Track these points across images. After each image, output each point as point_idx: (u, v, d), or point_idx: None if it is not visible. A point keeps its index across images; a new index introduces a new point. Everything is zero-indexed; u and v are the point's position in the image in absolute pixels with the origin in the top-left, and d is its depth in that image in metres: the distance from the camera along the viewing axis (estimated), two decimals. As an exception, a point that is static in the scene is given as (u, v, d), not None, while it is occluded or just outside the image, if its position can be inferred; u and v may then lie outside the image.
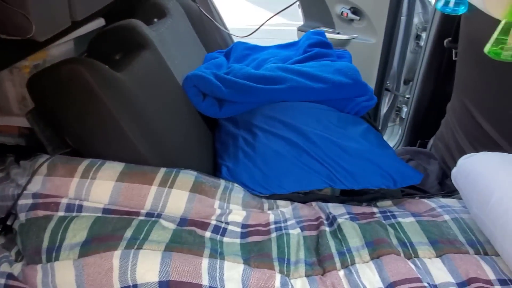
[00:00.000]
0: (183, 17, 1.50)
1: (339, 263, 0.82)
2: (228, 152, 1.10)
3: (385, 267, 0.78)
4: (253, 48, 1.49)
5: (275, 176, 1.03)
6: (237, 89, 1.14)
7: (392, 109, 2.17)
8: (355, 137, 1.07)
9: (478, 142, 1.41)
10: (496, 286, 0.75)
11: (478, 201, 0.85)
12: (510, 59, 1.04)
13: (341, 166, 1.03)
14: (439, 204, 1.00)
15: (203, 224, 0.86)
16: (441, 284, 0.75)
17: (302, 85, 1.12)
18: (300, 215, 0.98)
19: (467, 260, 0.79)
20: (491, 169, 0.87)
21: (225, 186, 0.97)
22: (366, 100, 1.16)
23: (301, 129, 1.08)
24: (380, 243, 0.84)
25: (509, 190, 0.79)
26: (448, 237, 0.87)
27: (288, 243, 0.86)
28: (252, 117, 1.14)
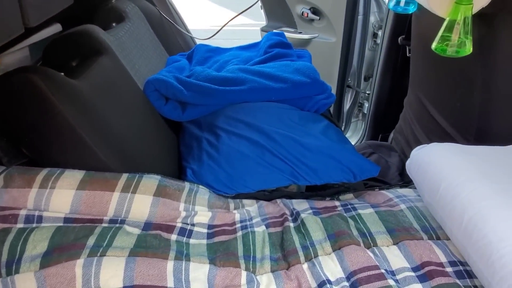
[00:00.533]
0: (143, 21, 1.49)
1: (303, 257, 0.85)
2: (192, 154, 1.10)
3: (346, 258, 0.81)
4: (215, 50, 1.50)
5: (240, 176, 1.05)
6: (199, 92, 1.15)
7: (355, 105, 2.25)
8: (316, 134, 1.10)
9: (433, 134, 1.49)
10: (447, 267, 0.80)
11: (429, 189, 0.90)
12: (455, 54, 1.10)
13: (303, 162, 1.06)
14: (396, 195, 1.05)
15: (168, 227, 0.87)
16: (397, 270, 0.80)
17: (263, 85, 1.14)
18: (265, 212, 1.00)
19: (421, 246, 0.84)
20: (439, 159, 0.92)
21: (190, 188, 0.98)
22: (325, 98, 1.20)
23: (263, 128, 1.10)
24: (341, 235, 0.88)
25: (455, 178, 0.85)
26: (404, 225, 0.92)
27: (253, 241, 0.88)
28: (215, 119, 1.15)
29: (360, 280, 0.75)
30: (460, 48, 1.09)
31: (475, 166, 0.87)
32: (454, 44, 1.09)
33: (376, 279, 0.75)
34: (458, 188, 0.82)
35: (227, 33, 4.47)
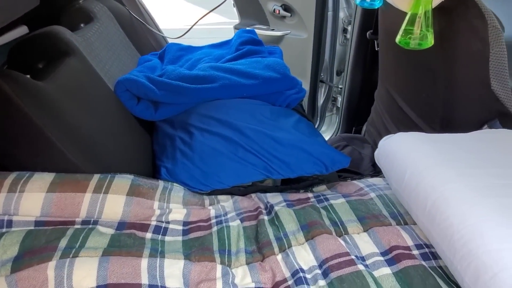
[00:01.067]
0: (112, 21, 1.47)
1: (277, 248, 0.87)
2: (166, 153, 1.11)
3: (318, 246, 0.84)
4: (186, 49, 1.50)
5: (214, 173, 1.06)
6: (171, 91, 1.15)
7: (328, 100, 2.29)
8: (287, 128, 1.13)
9: (402, 125, 1.54)
10: (414, 250, 0.84)
11: (396, 177, 0.94)
12: (418, 47, 1.15)
13: (276, 156, 1.08)
14: (366, 184, 1.09)
15: (142, 226, 0.87)
16: (367, 255, 0.83)
17: (234, 82, 1.16)
18: (240, 207, 1.02)
19: (389, 231, 0.88)
20: (405, 147, 0.96)
21: (164, 187, 0.98)
22: (296, 93, 1.23)
23: (236, 124, 1.11)
24: (314, 225, 0.90)
25: (419, 165, 0.89)
26: (374, 212, 0.95)
27: (228, 235, 0.90)
28: (188, 117, 1.16)
29: (332, 267, 0.78)
30: (422, 40, 1.14)
31: (438, 152, 0.91)
32: (416, 37, 1.13)
33: (346, 265, 0.77)
34: (422, 174, 0.86)
35: (204, 32, 4.45)
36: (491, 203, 0.74)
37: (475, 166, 0.86)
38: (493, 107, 1.21)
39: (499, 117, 1.22)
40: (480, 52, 1.14)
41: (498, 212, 0.72)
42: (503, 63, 1.16)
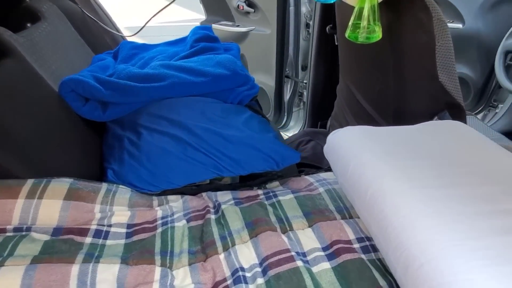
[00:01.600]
0: (62, 20, 1.43)
1: (221, 247, 0.86)
2: (113, 154, 1.08)
3: (261, 244, 0.84)
4: (141, 47, 1.47)
5: (162, 173, 1.04)
6: (118, 90, 1.13)
7: (295, 95, 2.29)
8: (238, 125, 1.12)
9: (361, 119, 1.55)
10: (355, 244, 0.84)
11: (340, 171, 0.94)
12: (367, 41, 1.15)
13: (225, 154, 1.07)
14: (317, 179, 1.09)
15: (81, 231, 0.85)
16: (309, 251, 0.83)
17: (183, 80, 1.14)
18: (189, 207, 1.01)
19: (333, 226, 0.88)
20: (349, 141, 0.96)
21: (108, 189, 0.96)
22: (247, 90, 1.22)
23: (185, 123, 1.10)
24: (258, 222, 0.90)
25: (361, 158, 0.89)
26: (320, 207, 0.96)
27: (172, 236, 0.88)
28: (138, 117, 1.14)
29: (271, 265, 0.77)
30: (370, 34, 1.14)
31: (380, 146, 0.92)
32: (364, 31, 1.13)
33: (285, 262, 0.77)
34: (363, 167, 0.87)
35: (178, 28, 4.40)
36: (423, 195, 0.75)
37: (413, 158, 0.87)
38: (442, 99, 1.23)
39: (448, 109, 1.24)
40: (426, 45, 1.15)
41: (428, 203, 0.73)
42: (449, 55, 1.18)
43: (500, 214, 0.70)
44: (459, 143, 0.94)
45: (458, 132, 1.00)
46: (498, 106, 2.42)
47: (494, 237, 0.64)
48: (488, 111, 2.50)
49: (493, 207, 0.72)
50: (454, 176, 0.81)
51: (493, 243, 0.63)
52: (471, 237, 0.65)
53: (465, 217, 0.69)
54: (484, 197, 0.75)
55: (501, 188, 0.77)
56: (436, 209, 0.71)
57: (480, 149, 0.92)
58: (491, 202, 0.73)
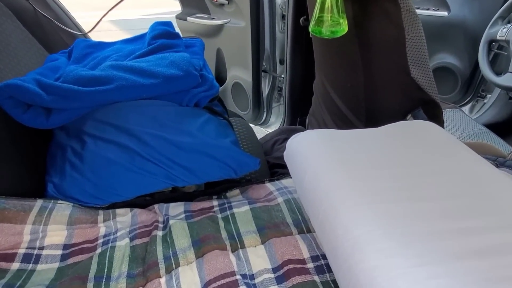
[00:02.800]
0: (10, 18, 1.33)
1: (164, 269, 0.78)
2: (55, 166, 1.00)
3: (205, 266, 0.76)
4: (96, 46, 1.37)
5: (108, 185, 0.96)
6: (60, 95, 1.03)
7: (274, 90, 2.20)
8: (192, 131, 1.03)
9: (337, 117, 1.47)
10: (309, 263, 0.76)
11: (297, 180, 0.86)
12: (331, 35, 1.06)
13: (177, 163, 0.98)
14: (277, 187, 1.01)
15: (7, 256, 0.77)
16: (257, 272, 0.75)
17: (131, 83, 1.05)
18: (137, 222, 0.93)
19: (287, 242, 0.80)
20: (306, 148, 0.88)
21: (43, 207, 0.88)
22: (205, 91, 1.13)
23: (133, 130, 1.01)
24: (206, 240, 0.82)
25: (317, 168, 0.81)
26: (276, 220, 0.88)
27: (111, 258, 0.81)
28: (83, 124, 1.05)
29: (212, 291, 0.70)
30: (335, 28, 1.05)
31: (339, 153, 0.84)
32: (328, 24, 1.04)
33: (227, 288, 0.69)
34: (318, 178, 0.79)
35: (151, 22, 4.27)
36: (379, 211, 0.67)
37: (374, 167, 0.79)
38: (415, 96, 1.15)
39: (423, 106, 1.16)
40: (395, 38, 1.07)
41: (383, 221, 0.65)
42: (421, 48, 1.09)
43: (460, 233, 0.62)
44: (426, 148, 0.86)
45: (427, 136, 0.92)
46: (486, 97, 2.34)
47: (451, 262, 0.57)
48: (476, 102, 2.41)
49: (454, 225, 0.64)
50: (415, 188, 0.73)
51: (449, 269, 0.55)
52: (425, 262, 0.57)
53: (421, 238, 0.61)
54: (446, 213, 0.67)
55: (466, 201, 0.69)
56: (390, 229, 0.63)
57: (449, 156, 0.83)
58: (451, 219, 0.65)
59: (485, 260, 0.57)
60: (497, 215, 0.65)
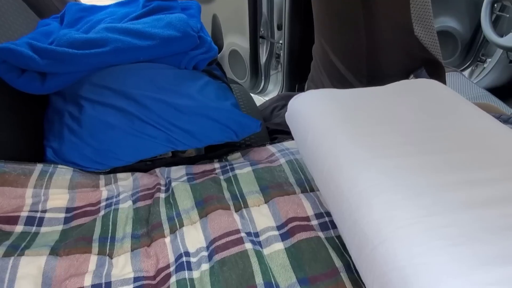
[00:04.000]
0: (-3, -19, 1.27)
1: (168, 230, 0.78)
2: (53, 131, 0.98)
3: (209, 225, 0.76)
4: (88, 9, 1.32)
5: (108, 149, 0.95)
6: (55, 59, 1.00)
7: (272, 57, 2.16)
8: (191, 93, 1.01)
9: (335, 79, 1.44)
10: (313, 220, 0.77)
11: (300, 140, 0.85)
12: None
13: (178, 126, 0.97)
14: (279, 149, 1.00)
15: (10, 219, 0.76)
16: (261, 230, 0.76)
17: (128, 45, 1.01)
18: (138, 185, 0.92)
19: (290, 201, 0.80)
20: (309, 107, 0.87)
21: (43, 171, 0.87)
22: (203, 53, 1.09)
23: (131, 94, 0.99)
24: (209, 200, 0.82)
25: (321, 126, 0.80)
26: (279, 180, 0.87)
27: (114, 220, 0.80)
28: (79, 88, 1.02)
29: (217, 248, 0.70)
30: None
31: (343, 110, 0.83)
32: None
33: (233, 245, 0.70)
34: (322, 136, 0.77)
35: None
36: (384, 165, 0.66)
37: (378, 123, 0.78)
38: (418, 55, 1.12)
39: (425, 66, 1.14)
40: (399, -6, 1.03)
41: (389, 175, 0.64)
42: (425, 6, 1.06)
43: (467, 185, 0.62)
44: (431, 105, 0.85)
45: (431, 92, 0.90)
46: (486, 61, 2.31)
47: (457, 212, 0.57)
48: (476, 67, 2.39)
49: (461, 177, 0.63)
50: (421, 142, 0.72)
51: (456, 219, 0.55)
52: (432, 213, 0.57)
53: (428, 190, 0.61)
54: (452, 165, 0.66)
55: (473, 154, 0.69)
56: (396, 182, 0.63)
57: (454, 111, 0.82)
58: (459, 171, 0.65)
59: (492, 209, 0.57)
60: (503, 167, 0.65)
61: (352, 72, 1.26)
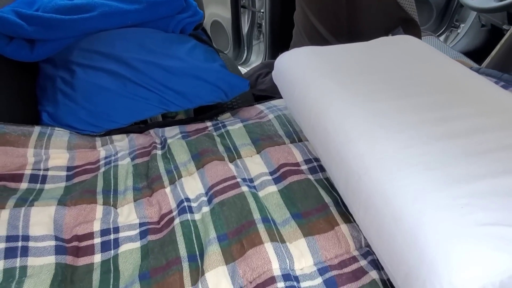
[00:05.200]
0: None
1: (167, 181, 0.83)
2: (47, 96, 1.00)
3: (206, 174, 0.81)
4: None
5: (102, 111, 0.98)
6: (43, 25, 1.01)
7: (253, 27, 2.17)
8: (181, 56, 1.04)
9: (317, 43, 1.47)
10: (303, 166, 0.83)
11: (288, 94, 0.90)
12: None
13: (170, 88, 1.00)
14: (267, 106, 1.06)
15: (14, 177, 0.80)
16: (255, 176, 0.81)
17: (115, 9, 1.03)
18: (135, 145, 0.96)
19: (280, 150, 0.86)
20: (296, 62, 0.91)
21: (41, 132, 0.89)
22: (189, 16, 1.12)
23: (122, 57, 1.01)
24: (205, 153, 0.86)
25: (307, 78, 0.85)
26: (269, 133, 0.93)
27: (115, 174, 0.85)
28: (69, 54, 1.04)
29: (216, 193, 0.76)
30: None
31: (327, 64, 0.88)
32: None
33: (230, 189, 0.75)
34: (308, 87, 0.83)
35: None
36: (367, 108, 0.72)
37: (361, 73, 0.83)
38: (395, 14, 1.18)
39: (402, 25, 1.20)
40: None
41: (372, 116, 0.70)
42: (402, -36, 1.10)
43: (443, 121, 0.69)
44: (409, 56, 0.91)
45: (409, 46, 0.97)
46: (460, 26, 2.39)
47: (432, 143, 0.63)
48: (450, 32, 2.46)
49: (437, 115, 0.70)
50: (401, 88, 0.79)
51: (430, 149, 0.62)
52: (409, 145, 0.63)
53: (406, 127, 0.67)
54: (430, 105, 0.73)
55: (446, 96, 0.76)
56: (379, 121, 0.69)
57: (429, 61, 0.89)
58: (436, 110, 0.72)
59: (461, 140, 0.64)
60: (472, 105, 0.72)
61: (333, 34, 1.31)
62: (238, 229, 0.68)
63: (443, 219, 0.51)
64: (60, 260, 0.64)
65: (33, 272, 0.61)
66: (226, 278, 0.61)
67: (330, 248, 0.66)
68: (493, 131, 0.65)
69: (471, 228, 0.50)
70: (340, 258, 0.65)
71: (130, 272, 0.66)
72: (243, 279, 0.61)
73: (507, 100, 0.74)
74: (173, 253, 0.66)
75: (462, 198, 0.54)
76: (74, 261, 0.66)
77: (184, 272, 0.63)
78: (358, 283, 0.60)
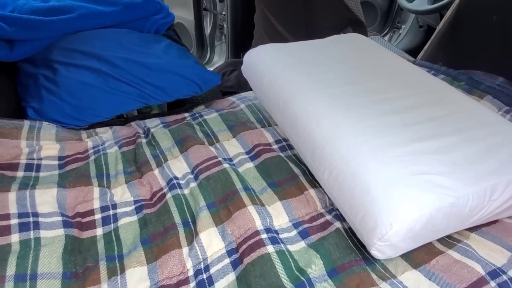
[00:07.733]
0: None
1: (154, 164, 0.93)
2: (30, 93, 1.06)
3: (191, 156, 0.92)
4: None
5: (87, 106, 1.05)
6: (22, 26, 1.06)
7: (216, 28, 2.29)
8: (157, 53, 1.14)
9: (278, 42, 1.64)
10: (274, 145, 0.96)
11: (257, 85, 1.03)
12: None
13: (149, 83, 1.10)
14: (238, 98, 1.18)
15: (11, 166, 0.86)
16: (234, 156, 0.94)
17: (92, 10, 1.10)
18: (119, 136, 1.04)
19: (254, 133, 0.99)
20: (263, 57, 1.05)
21: (31, 126, 0.96)
22: (163, 18, 1.22)
23: (102, 55, 1.09)
24: (187, 139, 0.97)
25: (274, 70, 0.98)
26: (242, 120, 1.05)
27: (106, 161, 0.93)
28: (49, 53, 1.10)
29: (201, 170, 0.87)
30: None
31: (290, 57, 1.02)
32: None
33: (213, 166, 0.87)
34: (276, 77, 0.96)
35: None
36: (326, 93, 0.87)
37: (319, 65, 0.98)
38: (345, 16, 1.35)
39: (351, 25, 1.37)
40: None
41: (330, 99, 0.85)
42: (348, -28, 1.27)
43: (386, 101, 0.85)
44: (358, 50, 1.08)
45: (357, 42, 1.13)
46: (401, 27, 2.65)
47: (377, 118, 0.79)
48: (393, 33, 2.73)
49: (381, 97, 0.86)
50: (352, 76, 0.94)
51: (376, 122, 0.78)
52: (360, 120, 0.79)
53: (357, 106, 0.83)
54: (376, 89, 0.89)
55: (388, 82, 0.93)
56: (335, 103, 0.84)
57: (375, 54, 1.06)
58: (380, 93, 0.88)
59: (401, 114, 0.80)
60: (409, 89, 0.89)
61: (292, 34, 1.47)
62: (224, 197, 0.79)
63: (387, 173, 0.67)
64: (68, 232, 0.73)
65: (46, 242, 0.69)
66: (217, 236, 0.73)
67: (302, 208, 0.79)
68: (423, 108, 0.83)
69: (407, 177, 0.65)
70: (310, 215, 0.79)
71: (131, 240, 0.75)
72: (232, 236, 0.73)
73: (435, 85, 0.92)
74: (169, 221, 0.77)
75: (401, 157, 0.69)
76: (80, 234, 0.75)
77: (180, 235, 0.74)
78: (326, 231, 0.74)
